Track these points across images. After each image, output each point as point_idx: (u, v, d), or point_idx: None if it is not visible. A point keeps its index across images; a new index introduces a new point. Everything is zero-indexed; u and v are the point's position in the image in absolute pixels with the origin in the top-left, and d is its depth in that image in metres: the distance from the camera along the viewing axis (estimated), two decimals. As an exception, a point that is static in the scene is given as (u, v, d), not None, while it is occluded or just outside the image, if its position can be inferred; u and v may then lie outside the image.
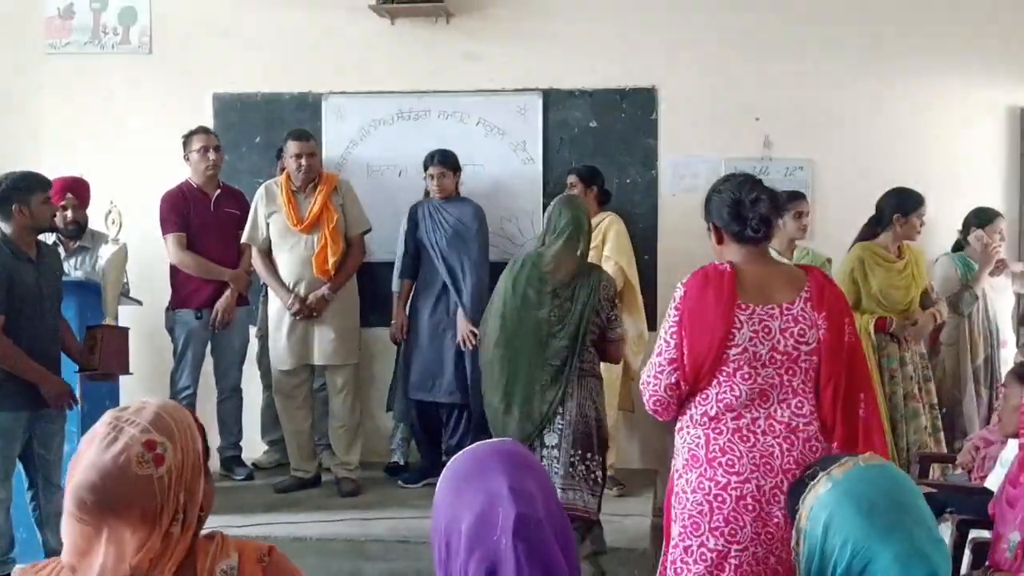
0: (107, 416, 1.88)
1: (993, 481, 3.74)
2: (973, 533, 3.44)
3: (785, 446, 2.75)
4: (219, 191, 5.82)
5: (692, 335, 2.84)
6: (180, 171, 5.84)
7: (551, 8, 6.17)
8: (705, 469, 2.80)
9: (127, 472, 1.79)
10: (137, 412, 1.86)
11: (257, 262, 5.67)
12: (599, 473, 4.18)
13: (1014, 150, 5.96)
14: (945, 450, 5.11)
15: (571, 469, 4.09)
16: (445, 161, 5.66)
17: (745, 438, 2.79)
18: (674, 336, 2.87)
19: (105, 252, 5.01)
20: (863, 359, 2.95)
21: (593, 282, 4.16)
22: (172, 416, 1.88)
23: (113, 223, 4.91)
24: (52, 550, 4.30)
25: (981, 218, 5.65)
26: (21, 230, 4.39)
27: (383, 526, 5.08)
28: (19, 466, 4.52)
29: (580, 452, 4.10)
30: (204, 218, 5.69)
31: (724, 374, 2.82)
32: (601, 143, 6.15)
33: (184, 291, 5.77)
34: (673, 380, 2.87)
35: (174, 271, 5.78)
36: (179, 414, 1.91)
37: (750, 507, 2.71)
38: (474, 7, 6.22)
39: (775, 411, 2.80)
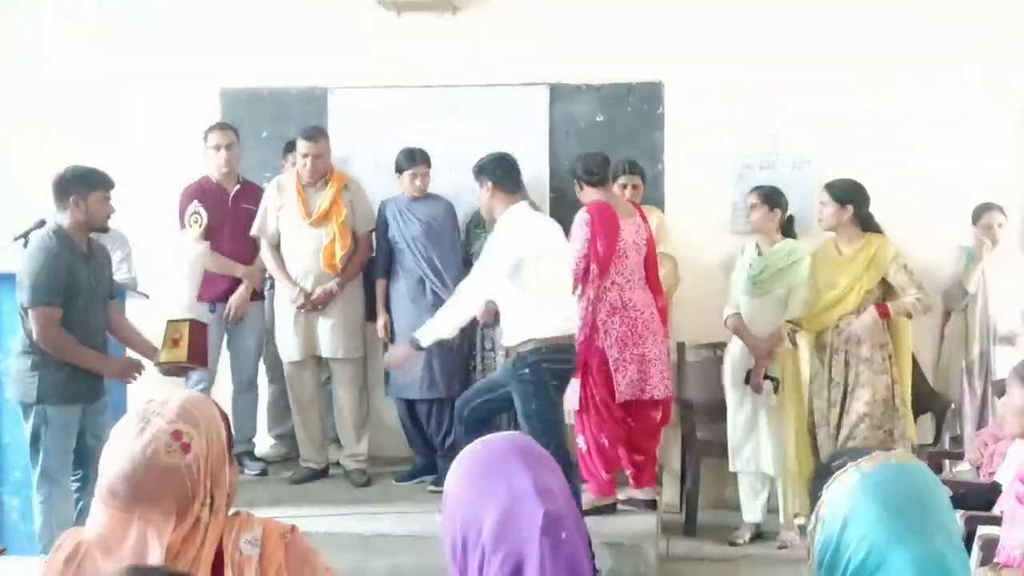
0: (135, 408, 1.96)
1: (1002, 477, 3.76)
2: (982, 530, 3.45)
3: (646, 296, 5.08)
4: (238, 187, 5.83)
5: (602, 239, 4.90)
6: (188, 166, 5.85)
7: (557, 2, 6.17)
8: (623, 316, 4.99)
9: (156, 461, 1.87)
10: (164, 404, 1.95)
11: (266, 255, 5.69)
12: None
13: (1022, 143, 5.95)
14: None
15: None
16: (427, 160, 5.69)
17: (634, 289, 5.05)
18: (588, 245, 4.91)
19: (187, 250, 4.98)
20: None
21: None
22: (197, 407, 1.97)
23: (196, 223, 4.90)
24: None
25: (975, 213, 5.67)
26: (76, 224, 4.43)
27: (389, 521, 5.09)
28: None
29: None
30: (221, 213, 5.67)
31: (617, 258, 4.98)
32: (607, 137, 6.15)
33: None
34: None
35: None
36: (204, 405, 2.00)
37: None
38: (480, 1, 6.22)
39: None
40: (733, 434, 5.56)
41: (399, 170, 5.69)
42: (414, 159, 5.66)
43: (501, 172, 4.77)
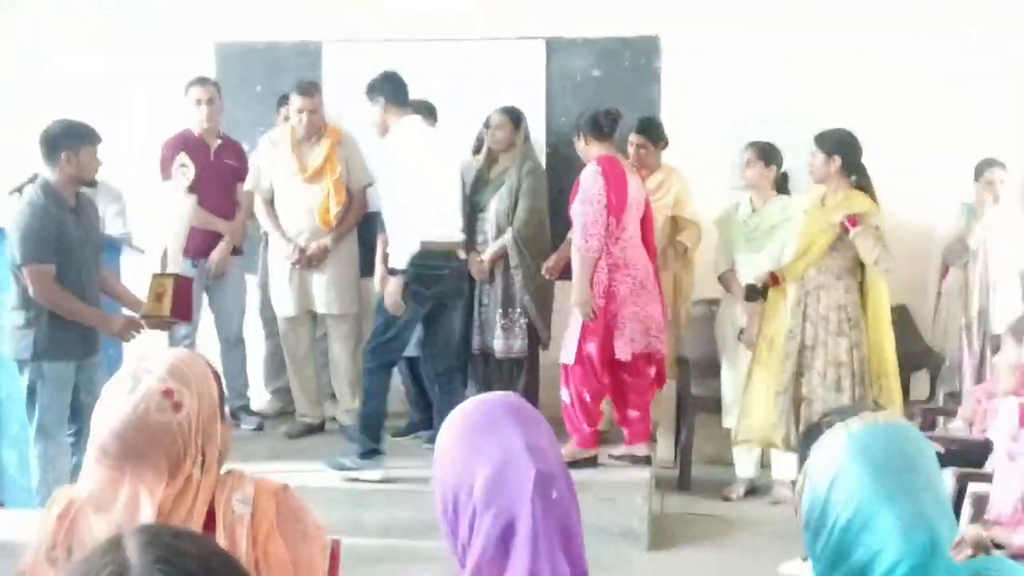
0: (127, 366, 1.96)
1: (994, 434, 3.77)
2: (973, 487, 3.47)
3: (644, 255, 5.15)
4: (219, 142, 5.79)
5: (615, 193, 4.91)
6: (182, 121, 5.79)
7: (554, -44, 6.12)
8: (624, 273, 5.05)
9: (147, 419, 1.87)
10: (155, 362, 1.94)
11: (260, 211, 5.69)
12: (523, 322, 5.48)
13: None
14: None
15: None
16: (432, 112, 5.64)
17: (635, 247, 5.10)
18: (603, 197, 4.90)
19: (173, 203, 4.98)
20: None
21: None
22: (188, 364, 1.97)
23: (184, 175, 4.89)
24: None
25: (977, 169, 5.64)
26: (66, 179, 4.41)
27: (384, 475, 5.13)
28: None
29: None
30: (202, 168, 5.64)
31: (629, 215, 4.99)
32: (604, 92, 6.11)
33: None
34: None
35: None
36: (195, 362, 2.00)
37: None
38: (476, -46, 6.16)
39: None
40: (727, 391, 5.58)
41: None
42: (419, 110, 5.62)
43: (392, 88, 4.95)
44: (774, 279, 5.10)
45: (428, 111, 5.61)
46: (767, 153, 5.41)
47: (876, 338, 4.95)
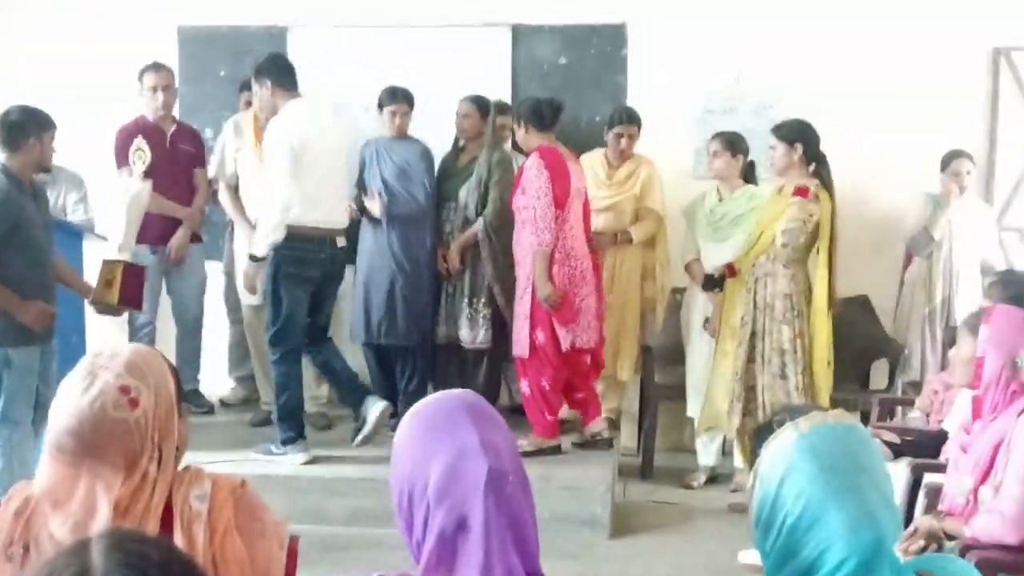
0: (83, 362, 1.95)
1: (949, 425, 3.83)
2: (928, 477, 3.53)
3: (584, 247, 5.18)
4: (175, 128, 5.75)
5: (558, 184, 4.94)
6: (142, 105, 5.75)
7: (520, -58, 6.10)
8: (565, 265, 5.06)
9: (104, 416, 1.87)
10: (111, 358, 1.94)
11: (224, 198, 5.66)
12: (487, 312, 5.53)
13: (990, 90, 5.98)
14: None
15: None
16: (408, 99, 5.60)
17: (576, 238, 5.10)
18: (549, 189, 4.91)
19: (128, 188, 4.93)
20: None
21: None
22: (145, 360, 1.96)
23: (139, 160, 4.85)
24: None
25: (944, 160, 5.68)
26: (27, 164, 4.40)
27: (350, 464, 5.15)
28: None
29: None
30: (159, 154, 5.57)
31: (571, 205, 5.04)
32: (570, 80, 6.13)
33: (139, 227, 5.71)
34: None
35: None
36: (152, 358, 1.99)
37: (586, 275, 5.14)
38: (443, -60, 6.13)
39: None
40: (692, 379, 5.62)
41: (380, 106, 5.62)
42: (395, 96, 5.59)
43: (278, 70, 4.99)
44: (731, 270, 5.14)
45: (405, 98, 5.59)
46: (733, 143, 5.43)
47: (811, 327, 4.97)
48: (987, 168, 5.95)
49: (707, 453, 5.64)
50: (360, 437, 5.11)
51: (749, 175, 5.52)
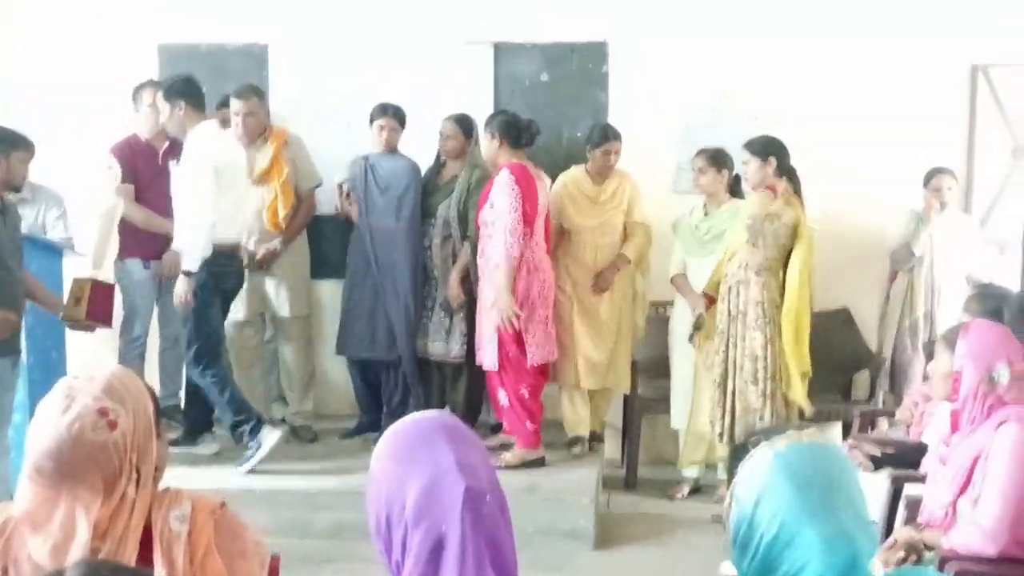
0: (61, 385, 1.95)
1: (929, 437, 3.86)
2: (908, 489, 3.54)
3: (548, 261, 5.32)
4: (167, 145, 5.75)
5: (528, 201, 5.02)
6: (126, 123, 5.74)
7: (502, -40, 6.13)
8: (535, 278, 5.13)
9: (82, 439, 1.87)
10: (89, 380, 1.94)
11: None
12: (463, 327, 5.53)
13: (969, 106, 6.02)
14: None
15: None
16: (397, 115, 5.63)
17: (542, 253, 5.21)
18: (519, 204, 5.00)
19: (100, 205, 4.99)
20: None
21: None
22: (123, 382, 1.97)
23: (113, 176, 4.88)
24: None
25: (926, 176, 5.72)
26: None
27: (333, 478, 5.15)
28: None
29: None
30: (152, 171, 5.62)
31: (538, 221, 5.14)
32: (552, 97, 6.16)
33: (132, 242, 5.71)
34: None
35: (122, 223, 5.72)
36: (130, 380, 2.00)
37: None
38: (424, -43, 6.15)
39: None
40: (676, 391, 5.64)
41: (371, 120, 5.66)
42: (384, 111, 5.62)
43: (192, 92, 5.17)
44: (709, 300, 5.18)
45: (394, 114, 5.62)
46: (718, 159, 5.46)
47: (784, 334, 4.98)
48: (967, 183, 5.98)
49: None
50: (250, 464, 5.15)
51: (735, 189, 5.55)
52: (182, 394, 6.03)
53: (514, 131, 5.21)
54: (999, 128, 6.01)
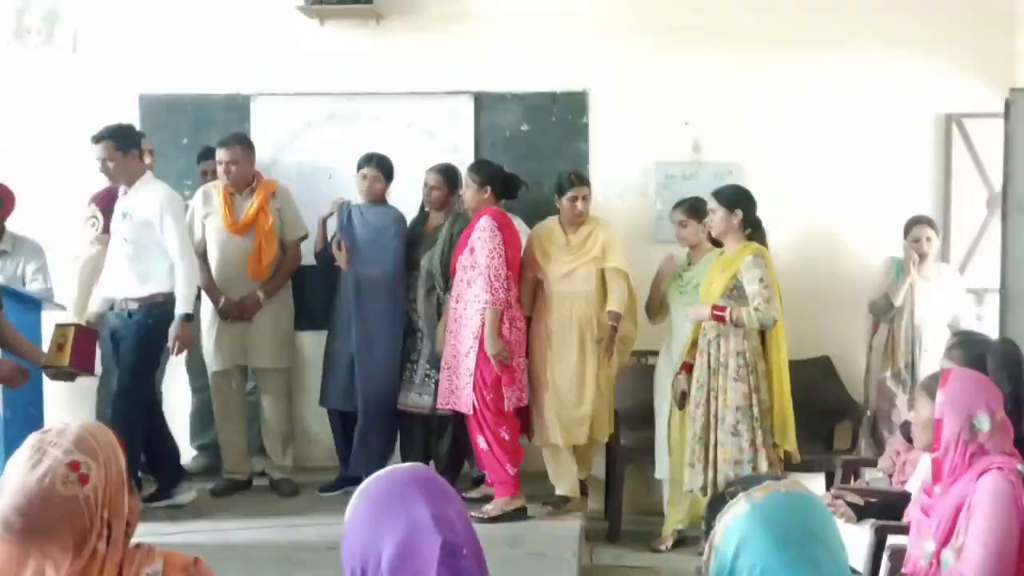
0: (31, 439, 1.92)
1: (912, 486, 3.84)
2: (891, 539, 3.52)
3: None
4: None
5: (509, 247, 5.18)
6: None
7: (482, 11, 6.18)
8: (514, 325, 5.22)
9: (52, 493, 1.85)
10: (60, 434, 1.92)
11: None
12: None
13: (943, 156, 6.09)
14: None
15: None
16: (381, 165, 5.65)
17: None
18: (501, 250, 5.13)
19: (79, 253, 4.96)
20: None
21: None
22: (94, 436, 1.94)
23: (92, 226, 4.86)
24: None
25: (906, 227, 5.75)
26: None
27: (313, 533, 5.07)
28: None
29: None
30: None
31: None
32: (533, 146, 6.20)
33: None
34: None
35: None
36: (101, 433, 1.97)
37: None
38: (404, 9, 6.20)
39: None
40: (660, 442, 5.60)
41: (357, 169, 5.68)
42: (368, 161, 5.64)
43: (138, 142, 5.26)
44: (687, 367, 5.14)
45: (378, 164, 5.64)
46: (698, 210, 5.44)
47: (778, 384, 4.97)
48: (944, 231, 6.02)
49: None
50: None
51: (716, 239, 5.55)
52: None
53: (506, 187, 5.36)
54: (973, 177, 6.07)
